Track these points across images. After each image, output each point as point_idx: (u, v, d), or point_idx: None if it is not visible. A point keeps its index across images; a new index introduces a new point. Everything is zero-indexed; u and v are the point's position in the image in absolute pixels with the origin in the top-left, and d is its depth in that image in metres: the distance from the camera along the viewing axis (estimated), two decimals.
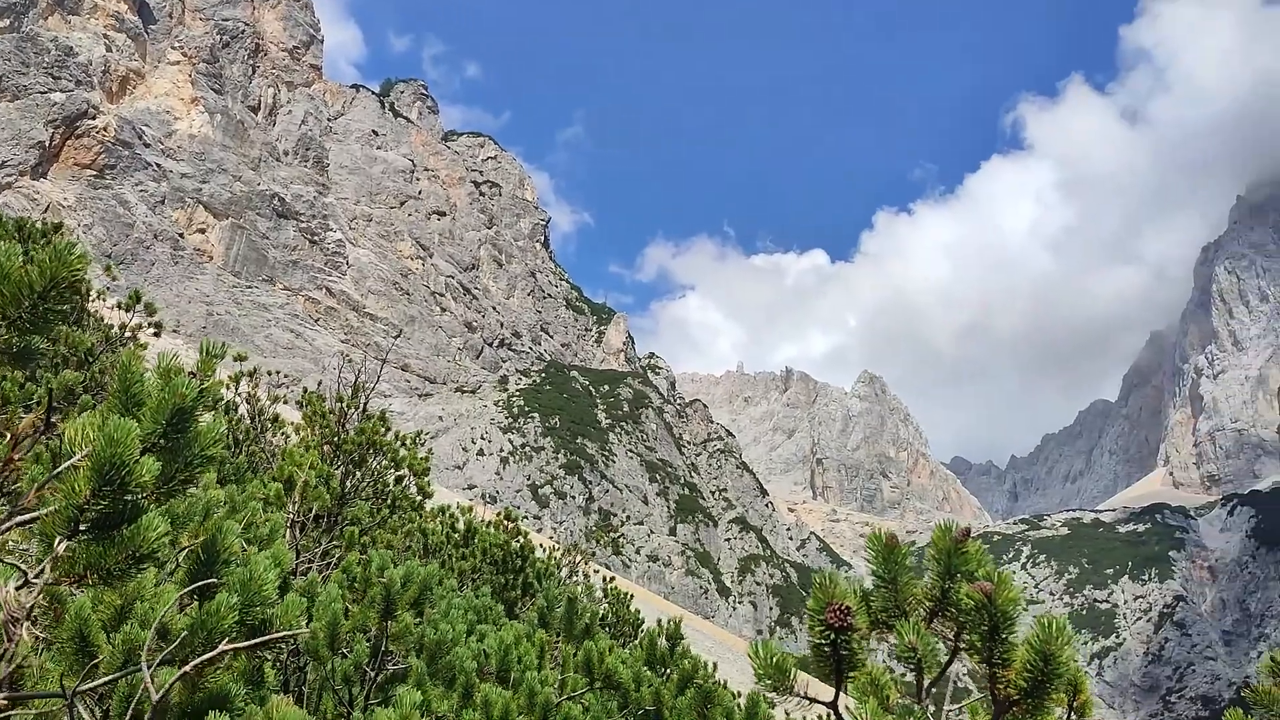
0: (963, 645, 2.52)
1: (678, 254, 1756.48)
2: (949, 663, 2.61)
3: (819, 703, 2.51)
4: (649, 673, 5.99)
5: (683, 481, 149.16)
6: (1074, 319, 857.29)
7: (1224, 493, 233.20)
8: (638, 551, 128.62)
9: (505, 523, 12.01)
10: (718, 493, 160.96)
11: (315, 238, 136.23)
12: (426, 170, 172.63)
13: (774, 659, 2.60)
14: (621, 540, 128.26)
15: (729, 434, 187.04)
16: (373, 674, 5.32)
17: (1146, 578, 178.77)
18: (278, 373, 77.13)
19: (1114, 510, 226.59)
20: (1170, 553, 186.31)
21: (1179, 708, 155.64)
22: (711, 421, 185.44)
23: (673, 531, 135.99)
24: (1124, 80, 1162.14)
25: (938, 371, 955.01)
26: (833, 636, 2.52)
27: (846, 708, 2.37)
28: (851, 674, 2.57)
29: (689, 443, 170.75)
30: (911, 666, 2.57)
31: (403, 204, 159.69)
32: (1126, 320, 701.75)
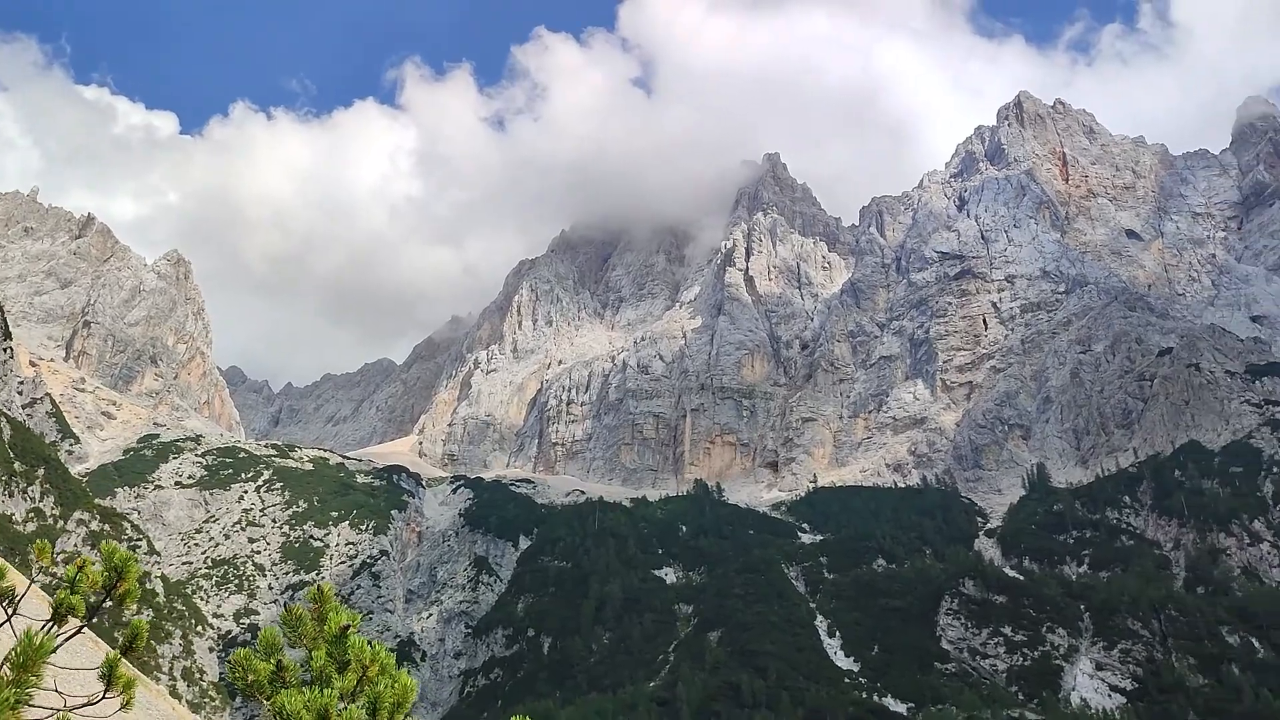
0: None
1: None
2: None
3: None
4: None
5: None
6: (390, 280, 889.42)
7: (456, 473, 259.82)
8: None
9: None
10: None
11: None
12: None
13: None
14: None
15: None
16: None
17: (364, 528, 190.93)
18: None
19: (360, 461, 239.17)
20: (393, 511, 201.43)
21: None
22: None
23: None
24: (503, 89, 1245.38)
25: (247, 280, 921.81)
26: None
27: None
28: None
29: None
30: None
31: None
32: (435, 297, 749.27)
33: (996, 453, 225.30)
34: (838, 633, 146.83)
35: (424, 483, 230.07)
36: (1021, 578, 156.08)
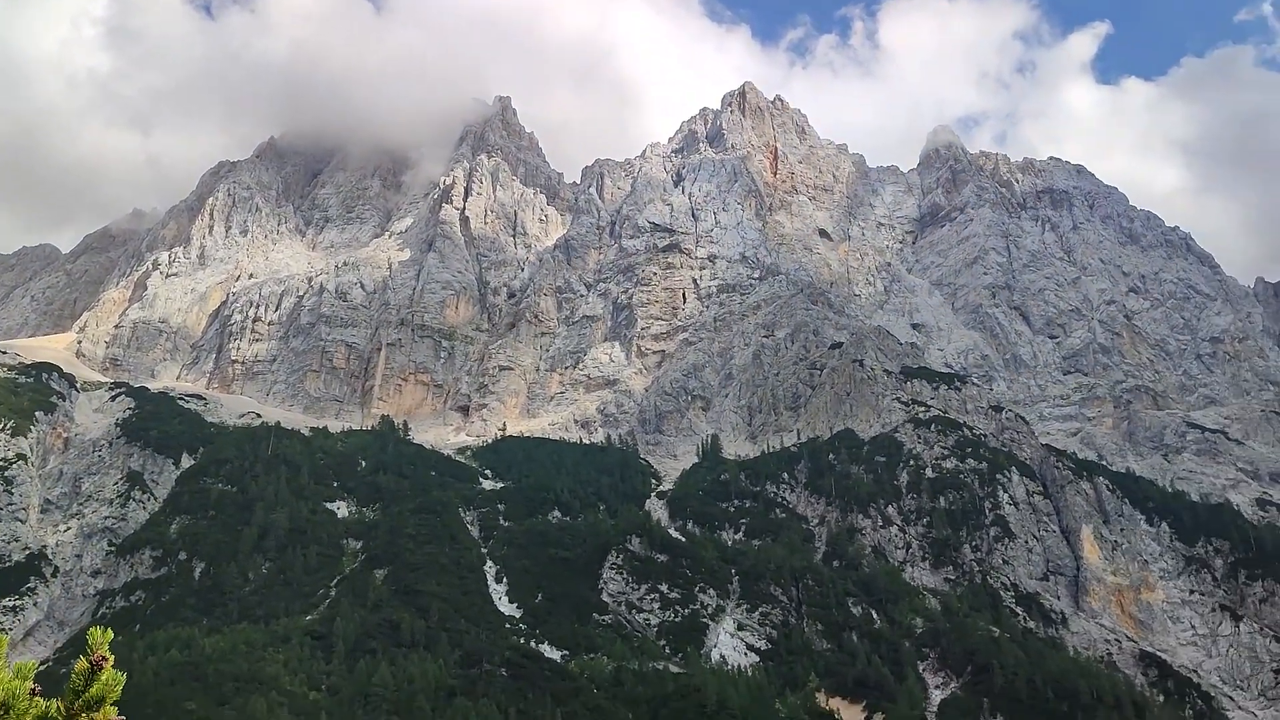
0: None
1: None
2: None
3: None
4: None
5: None
6: (60, 159, 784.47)
7: (118, 379, 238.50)
8: None
9: None
10: None
11: None
12: None
13: None
14: None
15: None
16: None
17: (1, 428, 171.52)
18: None
19: (5, 353, 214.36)
20: (38, 412, 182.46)
21: None
22: None
23: None
24: None
25: None
26: None
27: None
28: None
29: None
30: None
31: None
32: (114, 185, 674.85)
33: (678, 420, 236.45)
34: (505, 579, 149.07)
35: (79, 385, 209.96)
36: (683, 539, 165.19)
